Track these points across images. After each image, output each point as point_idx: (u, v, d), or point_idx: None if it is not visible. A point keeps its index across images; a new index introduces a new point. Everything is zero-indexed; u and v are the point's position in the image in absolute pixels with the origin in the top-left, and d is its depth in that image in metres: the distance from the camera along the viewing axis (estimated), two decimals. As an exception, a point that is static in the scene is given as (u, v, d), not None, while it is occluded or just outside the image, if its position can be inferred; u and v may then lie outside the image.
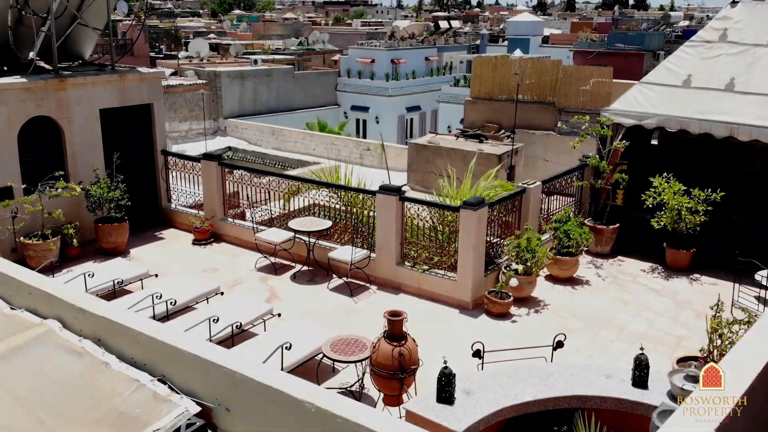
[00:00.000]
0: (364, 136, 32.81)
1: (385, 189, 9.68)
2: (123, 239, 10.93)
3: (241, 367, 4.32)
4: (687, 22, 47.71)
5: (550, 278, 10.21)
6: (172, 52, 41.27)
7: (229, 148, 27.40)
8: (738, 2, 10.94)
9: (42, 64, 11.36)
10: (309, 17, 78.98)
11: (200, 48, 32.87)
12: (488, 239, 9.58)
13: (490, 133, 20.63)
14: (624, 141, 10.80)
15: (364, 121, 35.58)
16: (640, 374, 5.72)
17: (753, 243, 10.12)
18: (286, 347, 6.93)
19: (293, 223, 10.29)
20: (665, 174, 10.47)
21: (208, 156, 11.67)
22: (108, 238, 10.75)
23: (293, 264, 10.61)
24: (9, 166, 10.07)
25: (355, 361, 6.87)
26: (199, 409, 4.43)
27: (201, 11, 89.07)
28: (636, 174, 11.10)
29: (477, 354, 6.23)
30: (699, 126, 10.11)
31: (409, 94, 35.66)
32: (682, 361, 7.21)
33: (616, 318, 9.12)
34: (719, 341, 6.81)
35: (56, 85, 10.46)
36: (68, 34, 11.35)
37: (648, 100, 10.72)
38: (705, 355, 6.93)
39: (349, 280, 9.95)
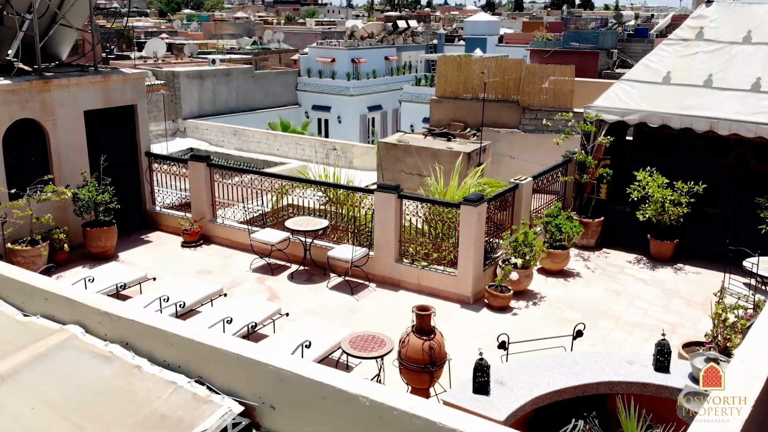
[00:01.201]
0: (326, 136, 32.80)
1: (384, 187, 9.78)
2: (112, 243, 10.73)
3: (289, 364, 4.34)
4: (633, 21, 49.10)
5: (542, 271, 10.46)
6: (124, 53, 40.36)
7: (191, 150, 27.00)
8: (712, 2, 11.41)
9: (20, 65, 11.06)
10: (260, 16, 78.34)
11: (157, 48, 32.29)
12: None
13: (456, 131, 20.91)
14: (609, 137, 11.14)
15: (326, 121, 35.54)
16: (663, 359, 5.97)
17: (731, 233, 10.61)
18: (305, 345, 6.97)
19: (290, 223, 10.29)
20: (647, 168, 10.84)
21: (196, 157, 11.55)
22: (97, 243, 10.54)
23: (288, 264, 10.60)
24: (-7, 170, 9.80)
25: (376, 357, 6.95)
26: (242, 408, 4.44)
27: (148, 11, 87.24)
28: (615, 168, 11.47)
29: (502, 345, 6.38)
30: (680, 121, 10.51)
31: (371, 94, 35.79)
32: (687, 346, 7.53)
33: (611, 308, 9.42)
34: (723, 326, 7.12)
35: (40, 86, 10.20)
36: (36, 35, 11.05)
37: (630, 96, 11.08)
38: (710, 339, 7.25)
39: (348, 278, 10.00)
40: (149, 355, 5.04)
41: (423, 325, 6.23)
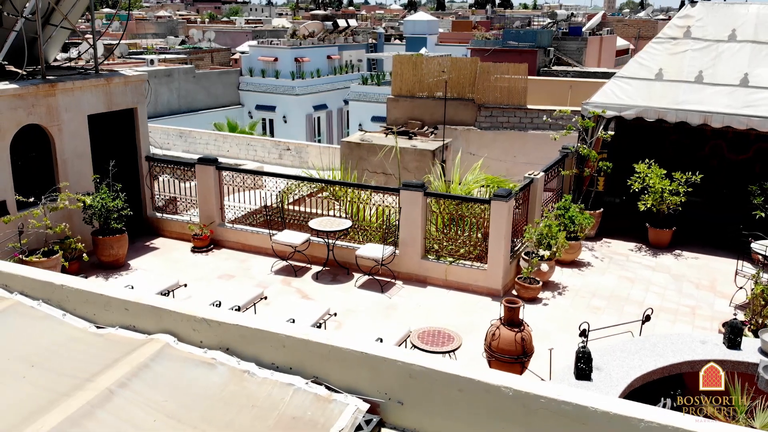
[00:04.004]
0: (272, 136, 32.42)
1: (409, 185, 9.91)
2: (123, 251, 10.40)
3: (420, 359, 4.44)
4: (560, 21, 50.94)
5: (556, 262, 10.84)
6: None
7: (137, 153, 26.12)
8: (697, 2, 12.12)
9: (12, 68, 10.55)
10: (181, 15, 76.35)
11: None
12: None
13: (414, 129, 21.22)
14: (609, 131, 11.67)
15: (271, 121, 35.14)
16: (735, 338, 6.40)
17: (717, 220, 11.40)
18: (378, 341, 7.04)
19: (313, 223, 10.27)
20: (634, 161, 11.45)
21: (204, 160, 11.30)
22: (109, 251, 10.18)
23: (309, 265, 10.57)
24: (2, 179, 9.32)
25: (448, 352, 7.09)
26: (368, 405, 4.51)
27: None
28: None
29: (583, 333, 6.65)
30: (676, 115, 11.13)
31: (316, 93, 35.64)
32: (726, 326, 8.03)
33: (630, 294, 9.89)
34: (762, 305, 7.66)
35: (46, 90, 9.76)
36: (40, 36, 10.57)
37: (625, 92, 11.64)
38: (749, 318, 7.78)
39: (377, 277, 10.06)
40: (255, 359, 4.99)
41: (513, 318, 6.43)
